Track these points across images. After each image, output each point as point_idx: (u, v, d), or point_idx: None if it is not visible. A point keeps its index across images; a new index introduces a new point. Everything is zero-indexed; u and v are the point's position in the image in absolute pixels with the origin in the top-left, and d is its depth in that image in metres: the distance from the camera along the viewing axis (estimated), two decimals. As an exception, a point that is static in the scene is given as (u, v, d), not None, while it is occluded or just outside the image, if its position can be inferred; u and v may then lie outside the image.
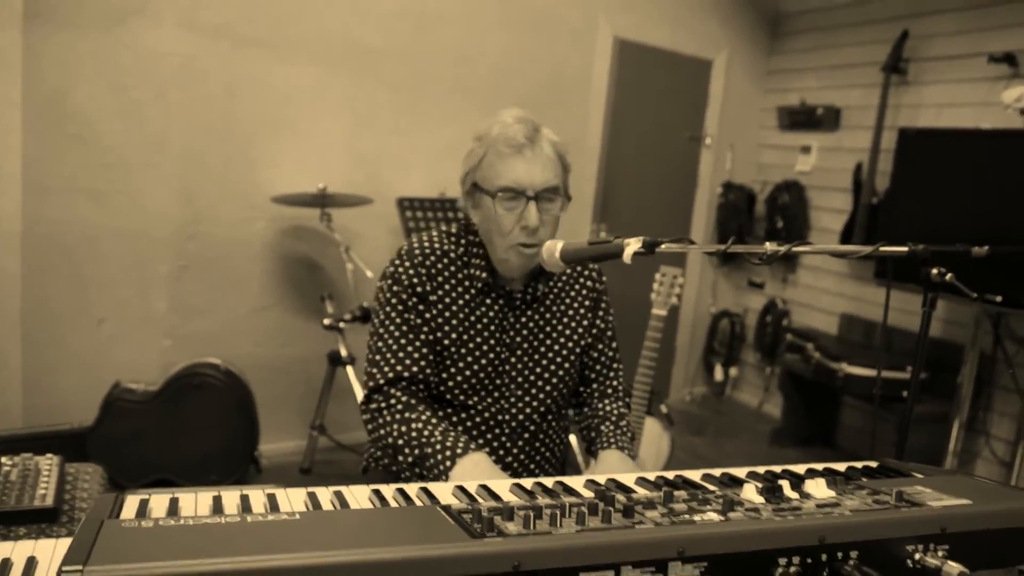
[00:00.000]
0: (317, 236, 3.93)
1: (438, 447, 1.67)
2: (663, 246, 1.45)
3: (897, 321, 4.19)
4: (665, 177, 5.26)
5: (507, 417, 1.87)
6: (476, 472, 1.61)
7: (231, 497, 1.22)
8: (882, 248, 1.56)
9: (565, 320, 1.93)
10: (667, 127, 5.23)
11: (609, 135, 4.91)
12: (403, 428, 1.73)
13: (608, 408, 1.97)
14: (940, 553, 1.20)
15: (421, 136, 4.12)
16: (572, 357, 1.93)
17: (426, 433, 1.70)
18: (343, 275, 3.87)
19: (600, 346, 1.99)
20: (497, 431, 1.87)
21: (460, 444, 1.67)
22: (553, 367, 1.90)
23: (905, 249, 1.59)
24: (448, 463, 1.65)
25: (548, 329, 1.91)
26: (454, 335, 1.83)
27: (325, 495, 1.26)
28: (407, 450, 1.72)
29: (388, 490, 1.30)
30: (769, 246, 1.45)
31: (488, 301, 1.86)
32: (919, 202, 3.84)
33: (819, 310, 4.94)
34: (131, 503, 1.15)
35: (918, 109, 4.34)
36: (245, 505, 1.19)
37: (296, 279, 3.98)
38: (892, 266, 1.70)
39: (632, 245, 1.46)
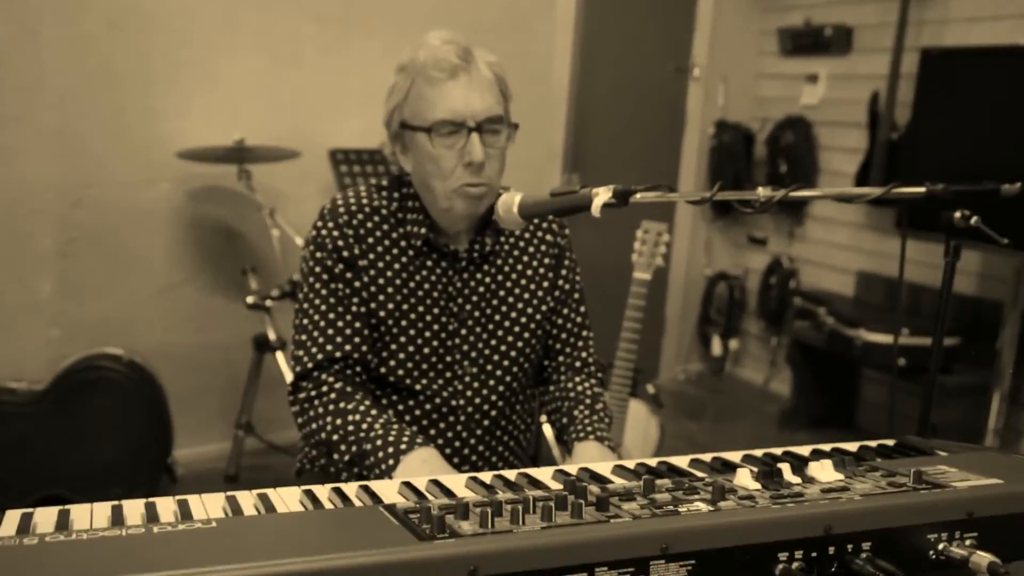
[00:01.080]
0: (235, 198, 3.89)
1: (379, 443, 1.68)
2: (637, 195, 1.46)
3: (925, 278, 4.24)
4: (647, 118, 5.26)
5: (461, 402, 1.88)
6: (424, 471, 1.62)
7: (134, 507, 1.22)
8: (895, 190, 1.59)
9: (523, 282, 1.94)
10: (648, 57, 5.22)
11: (579, 70, 4.89)
12: (337, 421, 1.74)
13: (581, 388, 1.98)
14: (967, 542, 1.23)
15: (355, 76, 4.08)
16: (533, 325, 1.93)
17: (364, 427, 1.71)
18: (268, 244, 3.84)
19: (565, 310, 2.00)
20: (451, 419, 1.88)
21: (405, 439, 1.68)
22: (511, 338, 1.91)
23: (922, 190, 1.62)
24: (391, 461, 1.66)
25: (502, 293, 1.92)
26: (391, 305, 1.83)
27: (247, 499, 1.27)
28: (342, 447, 1.73)
29: (323, 491, 1.31)
30: (762, 191, 1.47)
31: (429, 263, 1.86)
32: (947, 136, 3.87)
33: (832, 268, 5.00)
34: (10, 519, 1.15)
35: (944, 25, 4.37)
36: (151, 514, 1.19)
37: (211, 250, 3.94)
38: (909, 211, 1.73)
39: (601, 195, 1.47)
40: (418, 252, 1.85)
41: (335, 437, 1.73)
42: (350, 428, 1.72)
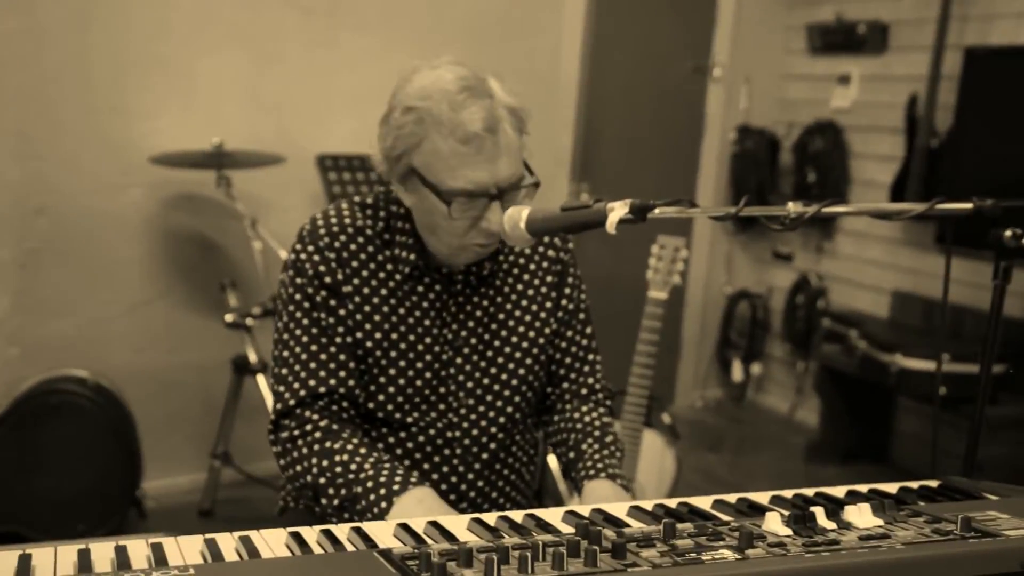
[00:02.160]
0: (213, 207, 3.89)
1: (369, 484, 1.68)
2: (657, 211, 1.46)
3: (967, 298, 4.24)
4: (663, 121, 5.26)
5: (457, 434, 1.88)
6: (420, 512, 1.61)
7: (103, 551, 1.21)
8: (939, 205, 1.59)
9: (523, 303, 1.93)
10: (664, 55, 5.23)
11: (590, 69, 4.90)
12: (324, 463, 1.73)
13: (588, 419, 1.97)
14: (1020, 595, 1.23)
15: (344, 74, 4.08)
16: (535, 350, 1.93)
17: (353, 468, 1.71)
18: (249, 257, 3.83)
19: (569, 332, 1.99)
20: (447, 453, 1.88)
21: (397, 478, 1.68)
22: (512, 365, 1.91)
23: (969, 206, 1.61)
24: (383, 504, 1.65)
25: (502, 317, 1.91)
26: (379, 335, 1.83)
27: (228, 542, 1.27)
28: (331, 491, 1.72)
29: (310, 533, 1.31)
30: (792, 207, 1.47)
31: (420, 288, 1.86)
32: (992, 143, 3.88)
33: (865, 287, 5.00)
34: (-32, 563, 1.15)
35: (990, 22, 4.37)
36: (121, 560, 1.18)
37: (187, 264, 3.93)
38: (953, 228, 1.72)
39: (617, 210, 1.47)
40: (408, 275, 1.85)
41: (322, 480, 1.73)
42: (338, 470, 1.72)
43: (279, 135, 3.95)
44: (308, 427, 1.78)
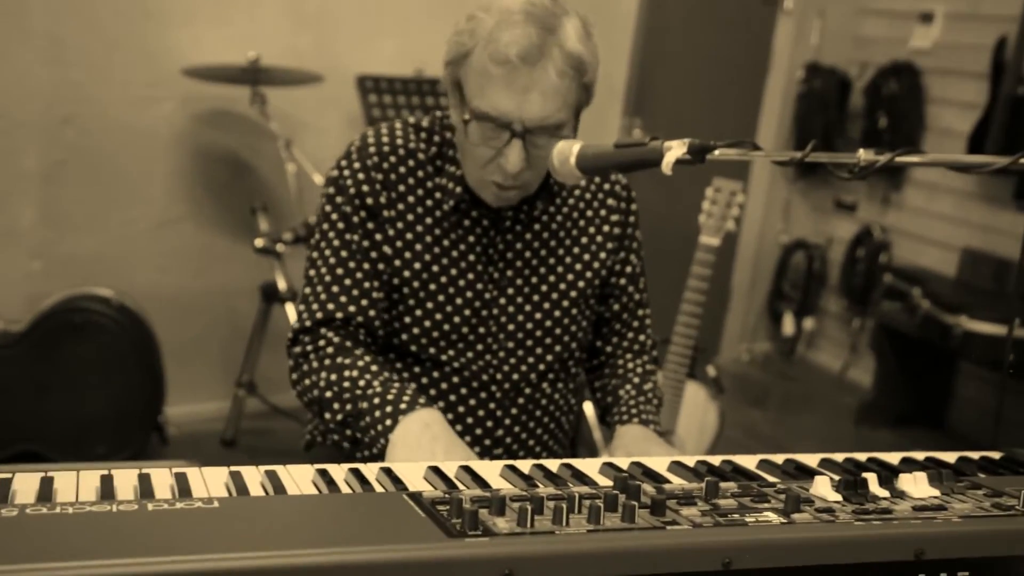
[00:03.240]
0: (247, 125, 3.90)
1: (376, 401, 1.69)
2: (716, 152, 1.44)
3: (1044, 260, 4.19)
4: (726, 55, 5.20)
5: (498, 376, 1.89)
6: (425, 436, 1.63)
7: (126, 478, 1.23)
8: (1023, 159, 1.56)
9: (576, 250, 1.93)
10: (732, -16, 5.16)
11: (651, -7, 4.85)
12: (332, 376, 1.76)
13: (630, 366, 2.00)
14: (1084, 577, 1.22)
15: (391, -12, 4.07)
16: (583, 300, 1.94)
17: (361, 384, 1.73)
18: (282, 180, 3.85)
19: (629, 289, 2.00)
20: (483, 395, 1.89)
21: (405, 398, 1.69)
22: (558, 313, 1.91)
23: (1052, 161, 1.59)
24: (388, 422, 1.67)
25: (552, 261, 1.91)
26: (418, 265, 1.84)
27: (254, 476, 1.28)
28: (335, 405, 1.75)
29: (338, 471, 1.33)
30: (863, 154, 1.44)
31: (467, 222, 1.86)
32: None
33: (932, 243, 4.95)
34: (-12, 483, 1.18)
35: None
36: (145, 488, 1.20)
37: (218, 184, 3.96)
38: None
39: (675, 150, 1.46)
40: (455, 207, 1.85)
41: (328, 394, 1.75)
42: (346, 384, 1.74)
43: (318, 52, 3.94)
44: (322, 342, 1.80)
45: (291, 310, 3.69)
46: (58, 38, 3.56)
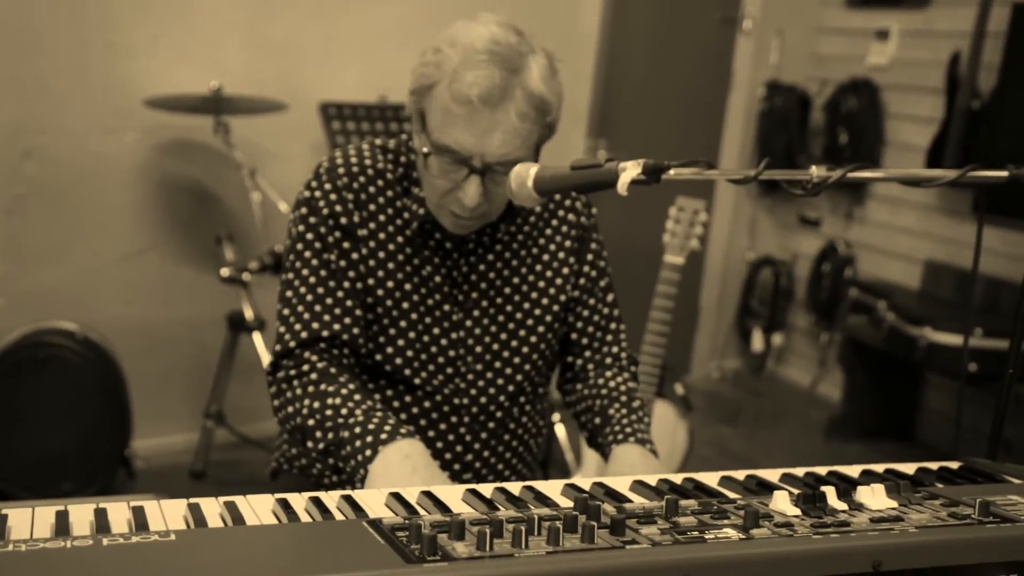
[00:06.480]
0: (210, 154, 3.90)
1: (357, 431, 1.69)
2: (671, 172, 1.45)
3: (1005, 271, 4.22)
4: (688, 75, 5.23)
5: (465, 400, 1.89)
6: (405, 467, 1.62)
7: (82, 513, 1.22)
8: (972, 173, 1.58)
9: (538, 268, 1.94)
10: (691, 4, 5.19)
11: (611, 16, 4.87)
12: (315, 404, 1.75)
13: (614, 384, 1.98)
14: (1038, 585, 1.23)
15: (353, 17, 4.07)
16: (549, 318, 1.94)
17: (344, 412, 1.72)
18: (247, 208, 3.84)
19: (592, 301, 2.00)
20: (454, 419, 1.89)
21: (387, 428, 1.68)
22: (523, 332, 1.92)
23: (1005, 173, 1.60)
24: (368, 452, 1.66)
25: (516, 281, 1.92)
26: (390, 284, 1.84)
27: (212, 508, 1.28)
28: (318, 433, 1.74)
29: (299, 500, 1.32)
30: (816, 171, 1.46)
31: (432, 243, 1.87)
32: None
33: (896, 256, 4.99)
34: (-59, 522, 1.16)
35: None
36: (101, 523, 1.19)
37: (182, 214, 3.95)
38: (988, 195, 1.71)
39: (629, 171, 1.46)
40: (420, 228, 1.86)
41: (311, 422, 1.74)
42: (328, 413, 1.73)
43: (281, 80, 3.95)
44: (305, 367, 1.79)
45: (258, 339, 3.68)
46: (15, 71, 3.54)
